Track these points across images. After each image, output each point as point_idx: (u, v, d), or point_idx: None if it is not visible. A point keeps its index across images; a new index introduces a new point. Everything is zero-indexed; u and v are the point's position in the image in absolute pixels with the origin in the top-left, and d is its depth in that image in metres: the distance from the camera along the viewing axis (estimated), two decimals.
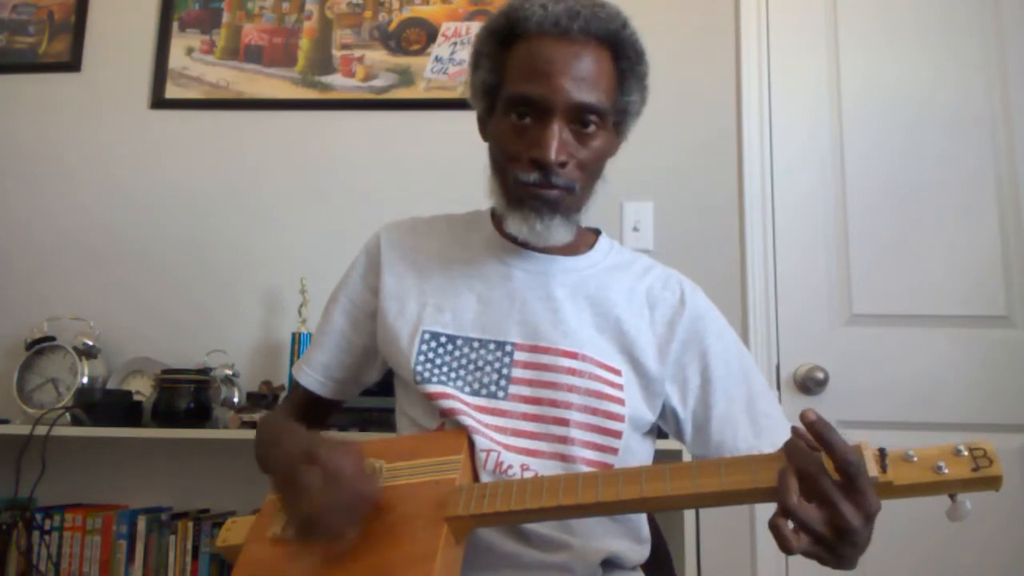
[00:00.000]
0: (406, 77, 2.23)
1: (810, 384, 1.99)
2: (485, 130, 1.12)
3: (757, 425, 1.04)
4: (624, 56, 1.04)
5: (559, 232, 1.04)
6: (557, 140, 0.99)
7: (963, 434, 1.92)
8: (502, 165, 1.05)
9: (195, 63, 2.29)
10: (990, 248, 2.04)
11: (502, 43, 1.04)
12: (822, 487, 0.73)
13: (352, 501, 0.86)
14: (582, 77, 1.00)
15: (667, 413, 1.09)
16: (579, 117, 1.01)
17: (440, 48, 2.24)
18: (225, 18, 2.31)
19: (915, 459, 0.75)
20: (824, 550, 0.73)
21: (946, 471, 0.74)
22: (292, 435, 1.00)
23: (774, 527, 0.72)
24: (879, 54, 2.15)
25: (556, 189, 1.01)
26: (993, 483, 0.73)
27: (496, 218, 1.16)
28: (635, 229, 2.09)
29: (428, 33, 2.25)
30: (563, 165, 1.01)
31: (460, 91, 2.16)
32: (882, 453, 0.76)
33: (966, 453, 0.74)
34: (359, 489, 0.87)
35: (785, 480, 0.74)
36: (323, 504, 0.84)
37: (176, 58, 2.29)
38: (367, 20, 2.28)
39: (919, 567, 1.90)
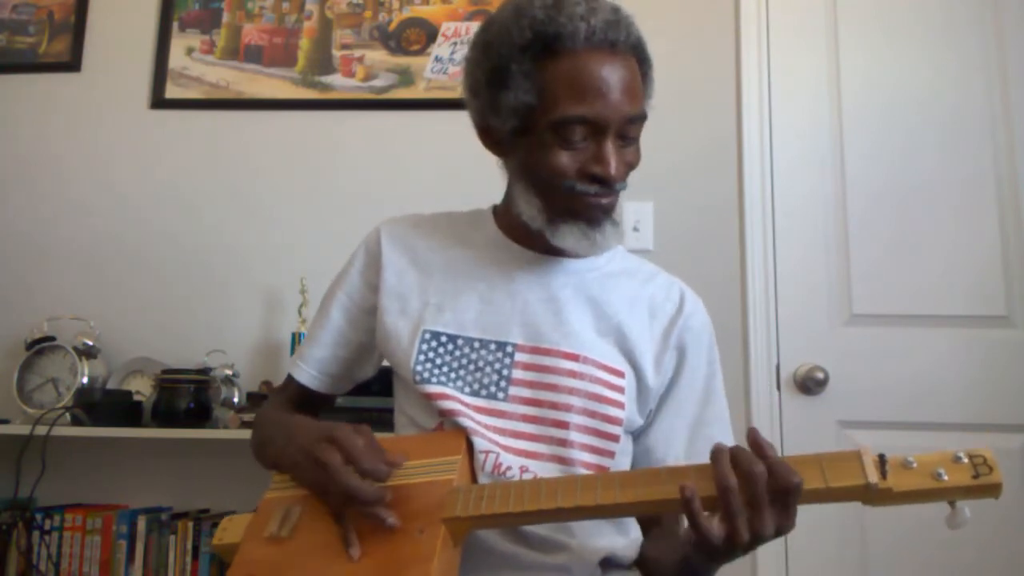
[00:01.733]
0: (406, 77, 2.23)
1: (810, 384, 1.98)
2: (505, 146, 1.07)
3: (694, 447, 1.06)
4: (644, 60, 1.04)
5: (612, 238, 1.04)
6: (615, 156, 0.99)
7: (963, 434, 1.93)
8: (549, 182, 1.01)
9: (195, 63, 2.29)
10: (990, 248, 2.04)
11: (536, 60, 0.98)
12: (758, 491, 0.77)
13: (373, 465, 0.89)
14: (630, 89, 0.98)
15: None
16: (627, 128, 1.00)
17: (440, 48, 2.23)
18: (225, 18, 2.31)
19: (915, 466, 0.75)
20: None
21: (946, 478, 0.74)
22: (306, 424, 1.02)
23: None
24: (879, 54, 2.14)
25: (613, 195, 1.02)
26: (993, 491, 0.74)
27: (499, 217, 1.15)
28: (635, 229, 2.09)
29: (428, 33, 2.25)
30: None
31: (460, 92, 2.16)
32: (882, 459, 0.76)
33: (966, 460, 0.74)
34: (377, 454, 0.90)
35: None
36: (348, 473, 0.88)
37: (176, 58, 2.29)
38: (367, 20, 2.27)
39: (920, 568, 1.90)
